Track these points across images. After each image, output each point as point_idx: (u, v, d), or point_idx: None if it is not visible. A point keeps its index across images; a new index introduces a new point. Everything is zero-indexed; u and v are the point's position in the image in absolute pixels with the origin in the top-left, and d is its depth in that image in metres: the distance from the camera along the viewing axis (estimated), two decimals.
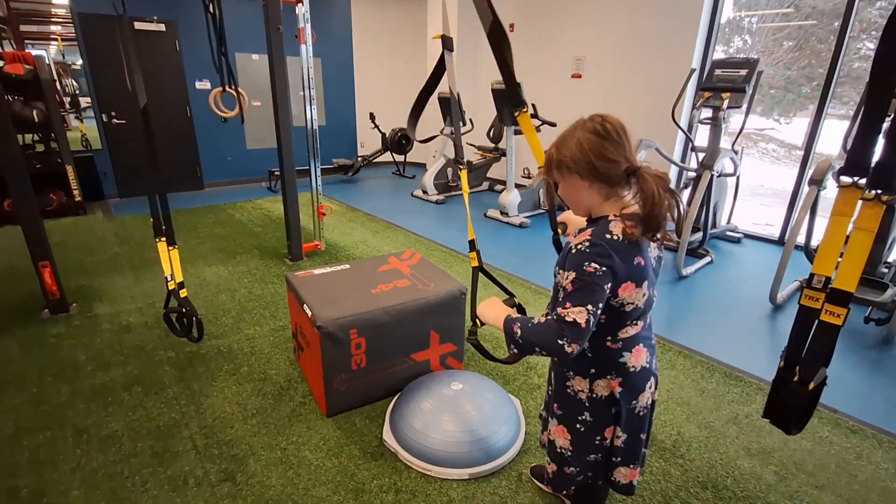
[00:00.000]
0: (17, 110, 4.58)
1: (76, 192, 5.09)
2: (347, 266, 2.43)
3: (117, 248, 4.12)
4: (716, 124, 3.83)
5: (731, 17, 5.13)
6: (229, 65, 3.48)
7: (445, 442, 1.76)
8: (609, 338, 1.13)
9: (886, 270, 3.09)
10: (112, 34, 5.31)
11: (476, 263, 1.40)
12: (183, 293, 2.29)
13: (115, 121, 5.63)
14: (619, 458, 1.23)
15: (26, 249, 2.74)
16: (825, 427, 2.02)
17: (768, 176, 7.23)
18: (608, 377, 1.15)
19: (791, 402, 1.33)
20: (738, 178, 4.22)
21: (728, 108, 3.67)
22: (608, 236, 1.02)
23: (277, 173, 6.19)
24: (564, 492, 1.36)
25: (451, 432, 1.78)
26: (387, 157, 7.58)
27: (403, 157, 7.45)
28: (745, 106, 3.66)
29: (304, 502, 1.62)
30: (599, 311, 1.01)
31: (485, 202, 5.86)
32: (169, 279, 2.25)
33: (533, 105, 5.03)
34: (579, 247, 1.03)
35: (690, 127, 4.23)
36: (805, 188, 3.48)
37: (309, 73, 3.59)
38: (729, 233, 4.55)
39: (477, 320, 1.25)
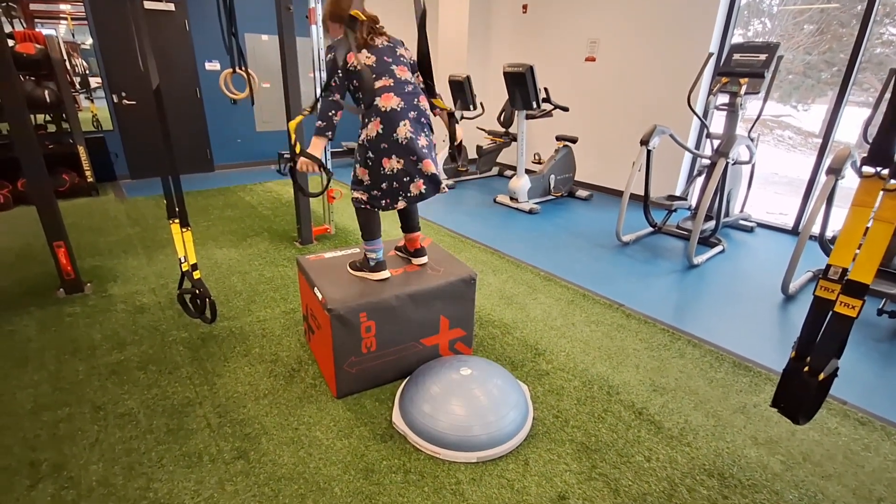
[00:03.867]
0: (30, 90, 4.60)
1: (88, 173, 5.13)
2: (357, 250, 2.44)
3: (130, 229, 4.16)
4: (732, 110, 3.75)
5: (750, 0, 4.98)
6: (239, 46, 3.46)
7: (454, 426, 1.78)
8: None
9: None
10: (122, 13, 5.29)
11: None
12: (196, 275, 2.33)
13: (125, 101, 5.63)
14: (407, 178, 1.91)
15: (40, 230, 2.77)
16: (833, 418, 2.02)
17: (783, 164, 7.11)
18: (373, 119, 1.83)
19: (801, 392, 1.33)
20: (753, 165, 4.15)
21: (746, 93, 3.59)
22: (334, 42, 1.87)
23: (287, 156, 6.20)
24: (377, 208, 2.01)
25: (459, 416, 1.81)
26: None
27: None
28: (763, 92, 3.58)
29: (314, 481, 1.66)
30: (341, 76, 1.82)
31: (494, 187, 5.78)
32: (182, 261, 2.28)
33: (545, 89, 4.96)
34: (326, 52, 1.92)
35: (706, 113, 4.15)
36: (822, 177, 3.42)
37: (319, 55, 3.55)
38: (742, 221, 4.49)
39: (298, 160, 1.91)
